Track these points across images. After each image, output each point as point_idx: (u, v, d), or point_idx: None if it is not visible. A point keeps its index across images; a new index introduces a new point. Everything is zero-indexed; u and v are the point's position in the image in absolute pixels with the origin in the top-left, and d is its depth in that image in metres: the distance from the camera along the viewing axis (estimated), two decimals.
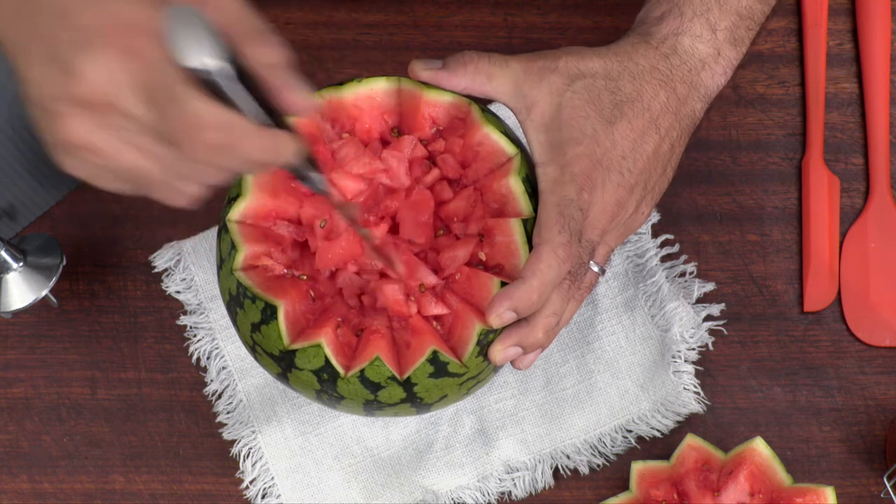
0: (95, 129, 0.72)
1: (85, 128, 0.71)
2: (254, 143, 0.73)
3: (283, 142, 0.74)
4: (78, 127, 0.72)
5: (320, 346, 0.87)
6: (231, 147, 0.72)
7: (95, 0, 0.71)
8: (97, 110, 0.71)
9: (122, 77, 0.70)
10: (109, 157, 0.72)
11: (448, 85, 0.91)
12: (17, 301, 1.02)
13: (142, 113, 0.71)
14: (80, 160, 0.73)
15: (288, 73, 0.75)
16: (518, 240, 0.88)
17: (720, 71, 0.93)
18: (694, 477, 1.03)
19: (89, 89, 0.70)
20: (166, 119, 0.71)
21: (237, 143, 0.72)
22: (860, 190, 1.11)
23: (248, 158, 0.73)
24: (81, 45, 0.70)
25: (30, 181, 1.09)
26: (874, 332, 1.09)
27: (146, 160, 0.73)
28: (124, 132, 0.72)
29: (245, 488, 1.08)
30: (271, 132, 0.74)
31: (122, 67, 0.70)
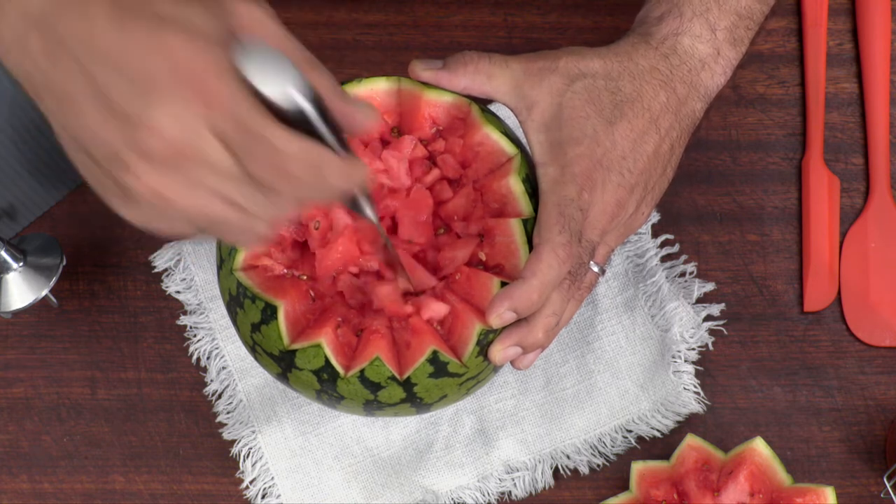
0: (168, 180, 0.68)
1: (156, 180, 0.68)
2: (337, 172, 0.71)
3: (360, 168, 0.73)
4: (148, 178, 0.68)
5: (320, 346, 0.87)
6: (318, 178, 0.70)
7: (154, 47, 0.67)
8: (174, 162, 0.68)
9: (197, 124, 0.67)
10: (183, 206, 0.69)
11: (448, 85, 0.91)
12: (17, 301, 1.02)
13: (223, 158, 0.68)
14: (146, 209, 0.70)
15: (342, 92, 0.73)
16: (518, 240, 0.88)
17: (720, 71, 0.93)
18: (694, 477, 1.03)
19: (161, 141, 0.67)
20: (251, 158, 0.68)
21: (324, 174, 0.70)
22: (860, 190, 1.11)
23: (331, 188, 0.71)
24: (146, 94, 0.67)
25: (30, 181, 1.09)
26: (874, 332, 1.09)
27: (224, 205, 0.70)
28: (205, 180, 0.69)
29: (245, 488, 1.08)
30: (350, 159, 0.72)
31: (195, 114, 0.67)
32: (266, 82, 0.68)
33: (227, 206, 0.70)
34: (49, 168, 1.09)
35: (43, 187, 1.10)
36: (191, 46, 0.67)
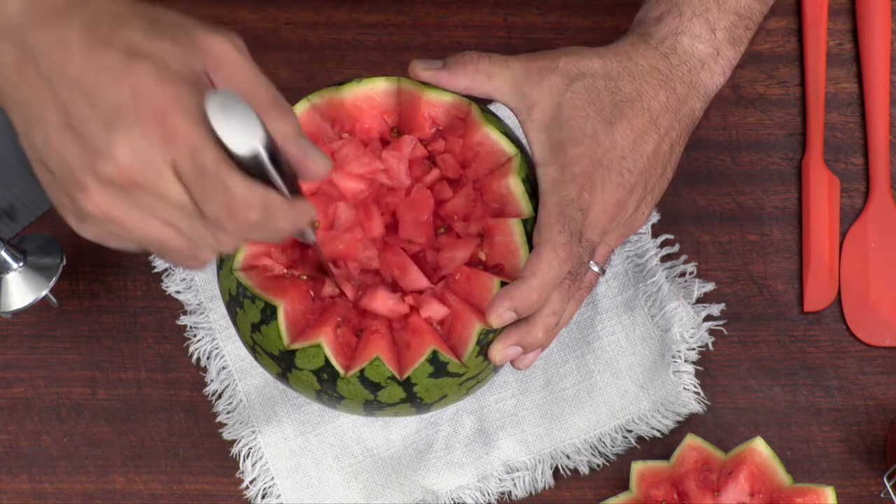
0: (122, 205, 0.71)
1: (109, 203, 0.71)
2: (286, 216, 0.74)
3: (307, 211, 0.76)
4: (102, 202, 0.71)
5: (320, 346, 0.87)
6: (266, 222, 0.73)
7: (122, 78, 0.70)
8: (124, 188, 0.70)
9: (155, 158, 0.69)
10: (130, 229, 0.72)
11: (448, 85, 0.91)
12: (17, 301, 1.02)
13: (176, 193, 0.71)
14: (97, 227, 0.73)
15: (305, 142, 0.75)
16: (518, 240, 0.88)
17: (719, 70, 0.93)
18: (694, 477, 1.03)
19: (119, 169, 0.69)
20: (205, 197, 0.70)
21: (272, 218, 0.73)
22: (860, 190, 1.11)
23: (279, 231, 0.74)
24: (110, 123, 0.69)
25: (30, 181, 1.09)
26: (874, 332, 1.09)
27: (171, 232, 0.73)
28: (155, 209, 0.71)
29: (245, 488, 1.08)
30: (299, 204, 0.75)
31: (156, 148, 0.69)
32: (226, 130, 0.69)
33: (175, 234, 0.73)
34: None
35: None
36: (158, 81, 0.69)
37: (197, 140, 0.70)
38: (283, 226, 0.74)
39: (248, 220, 0.72)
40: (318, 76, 1.13)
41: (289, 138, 0.74)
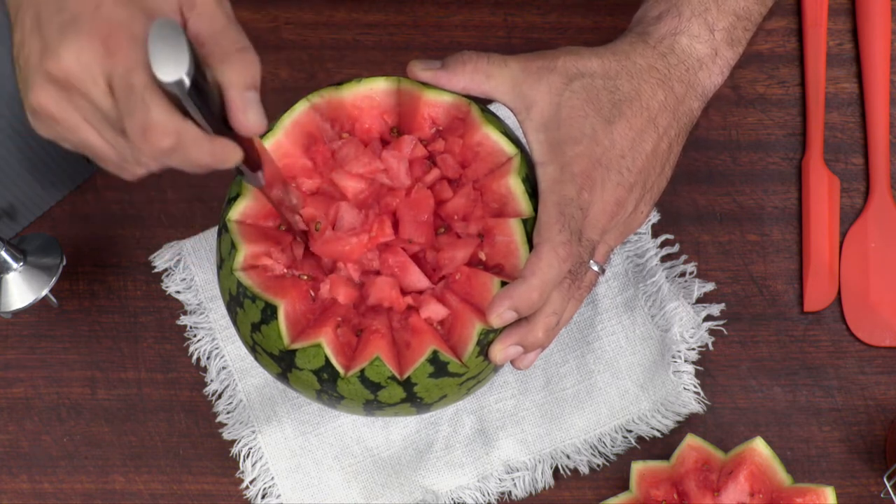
0: (60, 104, 0.77)
1: (51, 101, 0.77)
2: (201, 149, 0.77)
3: (228, 150, 0.79)
4: (45, 98, 0.77)
5: (320, 345, 0.87)
6: (178, 151, 0.77)
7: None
8: (65, 89, 0.77)
9: (94, 67, 0.76)
10: (68, 129, 0.79)
11: (447, 85, 0.91)
12: (17, 301, 1.02)
13: (104, 103, 0.77)
14: (45, 125, 0.79)
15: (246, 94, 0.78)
16: (518, 239, 0.88)
17: (717, 71, 0.93)
18: (694, 477, 1.03)
19: (62, 69, 0.76)
20: (126, 116, 0.76)
21: (185, 149, 0.77)
22: (860, 190, 1.11)
23: (193, 162, 0.78)
24: (65, 26, 0.76)
25: (30, 181, 1.09)
26: (874, 332, 1.09)
27: (100, 141, 0.79)
28: (85, 113, 0.78)
29: (245, 488, 1.08)
30: (219, 142, 0.78)
31: (96, 58, 0.76)
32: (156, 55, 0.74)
33: (103, 141, 0.79)
34: (49, 168, 1.09)
35: (43, 187, 1.10)
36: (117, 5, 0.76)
37: (133, 61, 0.75)
38: (197, 158, 0.78)
39: (160, 146, 0.76)
40: (318, 76, 1.13)
41: (235, 86, 0.78)
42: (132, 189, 1.12)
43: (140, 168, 0.80)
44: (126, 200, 1.12)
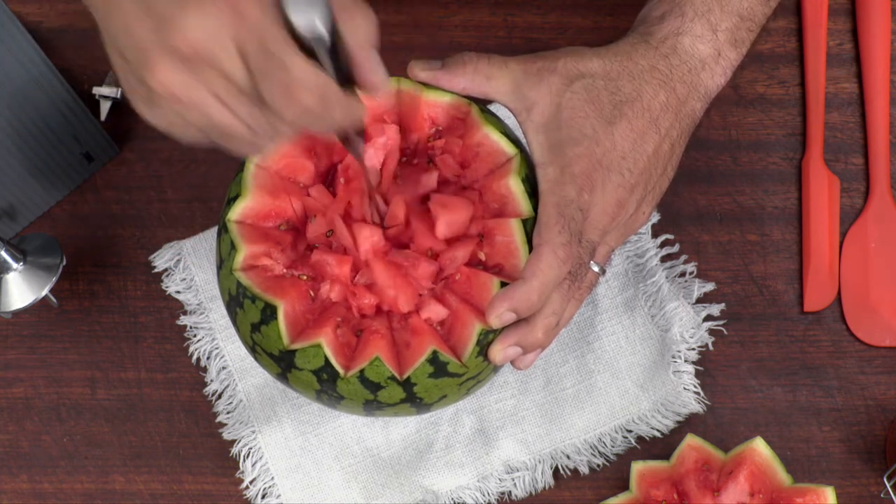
0: (187, 81, 0.72)
1: (176, 79, 0.72)
2: (340, 107, 0.75)
3: (360, 107, 0.77)
4: (169, 77, 0.72)
5: (320, 346, 0.87)
6: (322, 109, 0.74)
7: None
8: (192, 64, 0.72)
9: (223, 34, 0.71)
10: (196, 110, 0.74)
11: (447, 85, 0.91)
12: (17, 301, 1.02)
13: (238, 71, 0.72)
14: (164, 110, 0.74)
15: (372, 52, 0.76)
16: (518, 240, 0.88)
17: (720, 71, 0.93)
18: (694, 477, 1.03)
19: (187, 42, 0.71)
20: (265, 79, 0.72)
21: (328, 106, 0.74)
22: (860, 190, 1.11)
23: (331, 120, 0.75)
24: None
25: (30, 181, 1.09)
26: (874, 332, 1.09)
27: (232, 118, 0.74)
28: (217, 89, 0.73)
29: (245, 488, 1.08)
30: (353, 99, 0.76)
31: (224, 24, 0.71)
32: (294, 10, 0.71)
33: (236, 119, 0.74)
34: (49, 168, 1.09)
35: (43, 187, 1.10)
36: None
37: (266, 20, 0.71)
38: (337, 116, 0.75)
39: (304, 104, 0.73)
40: None
41: (362, 42, 0.76)
42: (132, 189, 1.12)
43: (271, 140, 0.76)
44: (126, 200, 1.12)
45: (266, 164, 0.90)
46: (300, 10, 0.71)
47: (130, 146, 1.12)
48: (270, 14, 0.71)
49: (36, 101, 1.07)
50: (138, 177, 1.12)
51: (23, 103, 1.06)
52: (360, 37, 0.76)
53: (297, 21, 0.71)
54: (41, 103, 1.07)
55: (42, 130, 1.08)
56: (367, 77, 0.77)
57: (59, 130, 1.08)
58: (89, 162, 1.11)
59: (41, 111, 1.07)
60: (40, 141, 1.08)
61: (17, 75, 1.07)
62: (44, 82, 1.07)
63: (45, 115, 1.07)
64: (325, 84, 0.73)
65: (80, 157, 1.10)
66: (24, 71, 1.07)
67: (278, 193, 0.90)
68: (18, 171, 1.08)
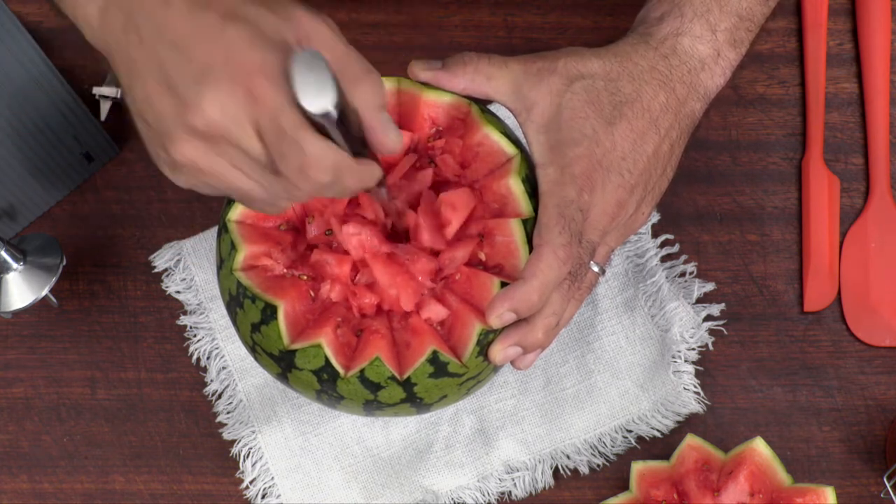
0: (206, 154, 0.76)
1: (196, 153, 0.76)
2: (354, 176, 0.78)
3: (374, 172, 0.80)
4: (190, 151, 0.76)
5: (320, 346, 0.87)
6: (335, 181, 0.77)
7: (217, 38, 0.75)
8: (210, 140, 0.75)
9: (240, 115, 0.74)
10: (217, 178, 0.77)
11: (448, 85, 0.91)
12: (17, 301, 1.01)
13: (256, 149, 0.75)
14: (186, 175, 0.78)
15: (383, 116, 0.79)
16: (518, 240, 0.88)
17: (719, 72, 0.93)
18: (694, 477, 1.03)
19: (206, 122, 0.74)
20: (282, 158, 0.75)
21: (342, 178, 0.77)
22: (860, 190, 1.11)
23: (347, 189, 0.78)
24: (202, 79, 0.74)
25: (30, 181, 1.09)
26: (874, 332, 1.09)
27: (251, 184, 0.78)
28: (235, 161, 0.76)
29: (245, 488, 1.08)
30: (366, 165, 0.79)
31: (241, 106, 0.74)
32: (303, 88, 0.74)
33: (253, 183, 0.78)
34: (49, 168, 1.09)
35: (43, 187, 1.10)
36: (250, 44, 0.75)
37: (279, 103, 0.74)
38: (351, 185, 0.78)
39: (319, 181, 0.76)
40: None
41: (371, 109, 0.78)
42: (132, 189, 1.12)
43: (290, 202, 0.80)
44: (126, 200, 1.12)
45: None
46: (310, 96, 0.73)
47: (130, 146, 1.12)
48: (284, 96, 0.74)
49: (36, 101, 1.07)
50: (138, 177, 1.12)
51: (23, 103, 1.06)
52: (369, 103, 0.78)
53: (308, 107, 0.73)
54: (41, 103, 1.07)
55: (42, 130, 1.08)
56: (380, 140, 0.79)
57: (59, 130, 1.08)
58: (89, 162, 1.11)
59: (41, 111, 1.07)
60: (40, 141, 1.08)
61: (17, 75, 1.06)
62: (44, 82, 1.07)
63: (45, 115, 1.07)
64: (338, 160, 0.76)
65: (80, 157, 1.10)
66: (24, 71, 1.07)
67: None
68: (18, 171, 1.08)
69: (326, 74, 0.73)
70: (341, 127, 0.75)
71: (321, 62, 0.74)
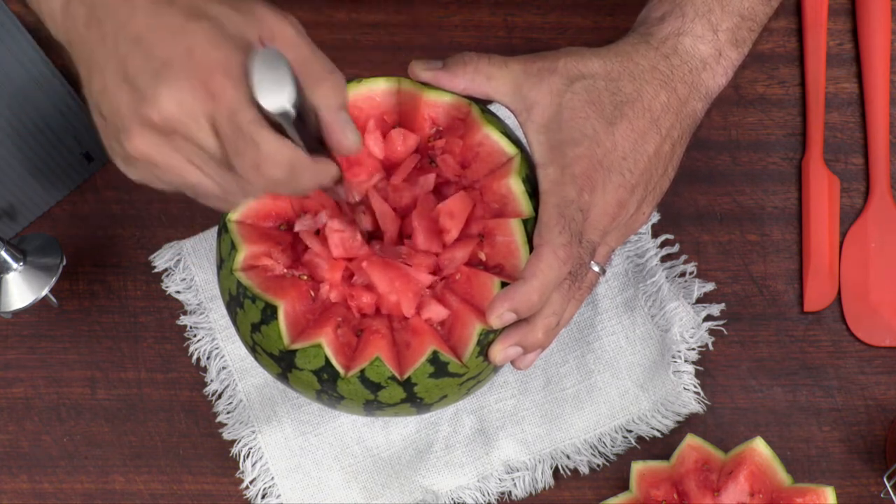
0: (160, 148, 0.76)
1: (151, 147, 0.76)
2: (309, 174, 0.78)
3: (330, 170, 0.80)
4: (144, 145, 0.76)
5: (320, 346, 0.87)
6: (290, 179, 0.77)
7: (179, 35, 0.75)
8: (165, 134, 0.76)
9: (196, 110, 0.74)
10: (170, 173, 0.77)
11: (448, 85, 0.91)
12: (17, 301, 1.01)
13: (211, 144, 0.76)
14: (140, 170, 0.78)
15: (342, 116, 0.79)
16: (518, 240, 0.88)
17: (721, 72, 0.93)
18: (694, 477, 1.03)
19: (162, 115, 0.74)
20: (236, 154, 0.75)
21: (296, 176, 0.77)
22: (860, 190, 1.11)
23: (301, 187, 0.78)
24: (159, 74, 0.74)
25: (30, 181, 1.09)
26: (874, 332, 1.09)
27: (205, 179, 0.78)
28: (190, 155, 0.77)
29: (245, 488, 1.08)
30: (322, 163, 0.79)
31: (198, 101, 0.74)
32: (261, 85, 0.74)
33: (209, 180, 0.78)
34: (49, 168, 1.09)
35: (43, 187, 1.10)
36: (212, 42, 0.75)
37: (237, 101, 0.74)
38: (306, 183, 0.78)
39: (273, 177, 0.76)
40: None
41: (331, 109, 0.78)
42: (132, 189, 1.12)
43: (245, 198, 0.80)
44: (126, 200, 1.12)
45: None
46: (268, 93, 0.74)
47: None
48: (242, 92, 0.74)
49: (36, 101, 1.07)
50: None
51: (23, 103, 1.06)
52: (329, 103, 0.78)
53: (265, 105, 0.74)
54: (41, 103, 1.07)
55: (42, 130, 1.08)
56: (338, 140, 0.79)
57: (59, 130, 1.08)
58: (89, 162, 1.11)
59: (41, 111, 1.07)
60: (40, 141, 1.08)
61: (17, 75, 1.07)
62: (44, 82, 1.07)
63: (45, 115, 1.07)
64: (293, 158, 0.76)
65: (80, 157, 1.10)
66: (24, 71, 1.07)
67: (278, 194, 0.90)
68: (18, 171, 1.08)
69: (285, 73, 0.73)
70: (300, 125, 0.75)
71: (281, 60, 0.74)
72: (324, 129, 0.79)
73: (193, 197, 0.80)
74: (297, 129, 0.76)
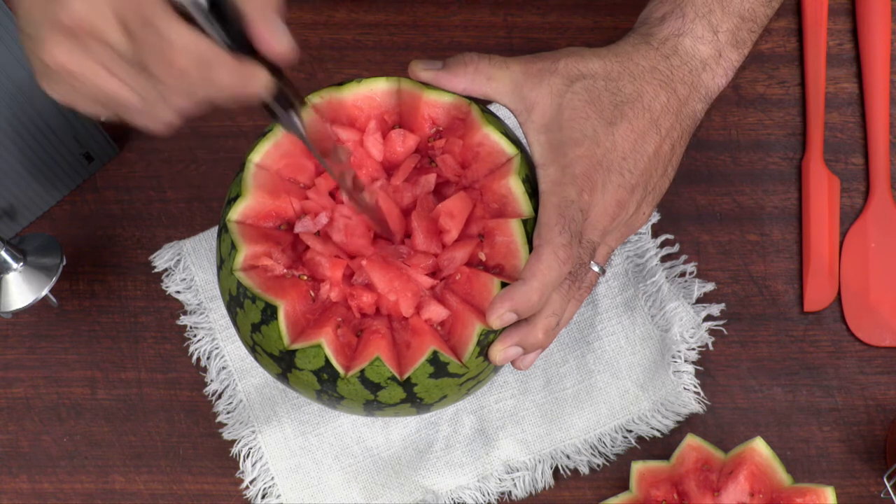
0: (75, 54, 0.75)
1: (65, 53, 0.75)
2: (224, 70, 0.75)
3: (254, 73, 0.76)
4: (59, 52, 0.75)
5: (320, 346, 0.87)
6: (201, 73, 0.74)
7: None
8: (78, 37, 0.74)
9: (102, 6, 0.73)
10: (87, 82, 0.76)
11: (448, 86, 0.91)
12: (17, 301, 1.02)
13: (120, 41, 0.74)
14: (60, 84, 0.77)
15: (270, 17, 0.76)
16: (518, 240, 0.88)
17: (721, 72, 0.93)
18: (694, 477, 1.03)
19: (71, 16, 0.73)
20: (141, 45, 0.73)
21: (208, 70, 0.74)
22: (860, 190, 1.11)
23: (217, 86, 0.75)
24: None
25: (30, 181, 1.09)
26: (874, 332, 1.09)
27: (122, 87, 0.76)
28: (103, 59, 0.75)
29: (245, 488, 1.08)
30: (243, 62, 0.75)
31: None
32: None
33: (128, 90, 0.76)
34: (49, 168, 1.09)
35: (43, 187, 1.10)
36: None
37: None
38: (224, 80, 0.75)
39: (180, 67, 0.73)
40: (318, 76, 1.13)
41: (258, 10, 0.76)
42: (132, 189, 1.12)
43: (169, 110, 0.77)
44: (126, 200, 1.12)
45: (266, 164, 0.90)
46: None
47: (130, 146, 1.12)
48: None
49: (36, 101, 1.07)
50: (138, 177, 1.12)
51: (23, 103, 1.06)
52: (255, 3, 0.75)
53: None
54: (41, 103, 1.07)
55: (42, 130, 1.08)
56: (267, 43, 0.76)
57: (59, 130, 1.08)
58: (89, 162, 1.11)
59: (41, 111, 1.07)
60: (40, 141, 1.08)
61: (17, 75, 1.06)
62: None
63: (45, 115, 1.07)
64: (203, 48, 0.74)
65: (80, 157, 1.10)
66: (25, 71, 1.07)
67: (278, 193, 0.90)
68: (18, 171, 1.08)
69: None
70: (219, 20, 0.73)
71: None
72: (251, 32, 0.76)
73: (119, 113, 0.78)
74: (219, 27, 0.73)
